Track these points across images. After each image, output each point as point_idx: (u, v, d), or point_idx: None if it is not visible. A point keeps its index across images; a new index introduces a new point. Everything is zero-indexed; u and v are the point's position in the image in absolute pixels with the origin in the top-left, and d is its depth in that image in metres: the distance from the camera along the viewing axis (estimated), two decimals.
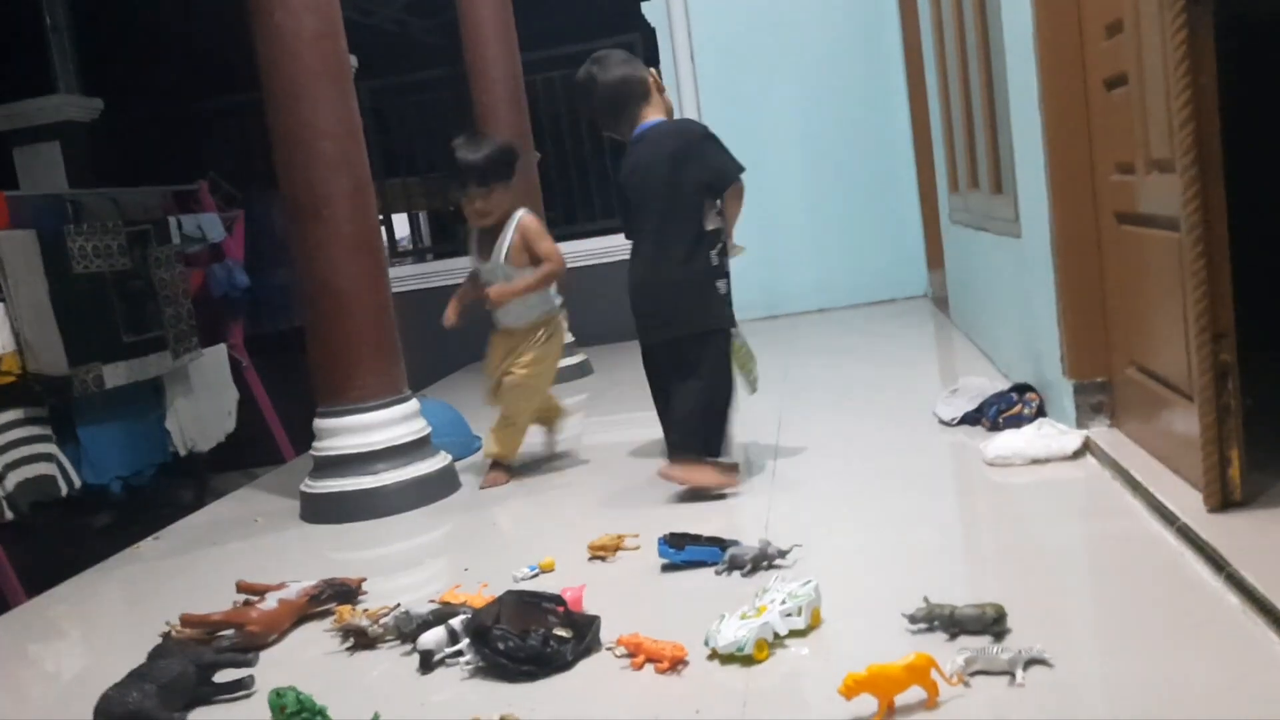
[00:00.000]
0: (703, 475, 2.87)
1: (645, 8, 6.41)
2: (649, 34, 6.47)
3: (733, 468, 2.94)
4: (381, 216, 6.00)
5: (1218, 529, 1.96)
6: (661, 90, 3.10)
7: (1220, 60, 1.95)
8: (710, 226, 2.91)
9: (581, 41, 6.45)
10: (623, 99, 3.03)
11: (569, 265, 6.13)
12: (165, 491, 5.74)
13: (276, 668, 2.10)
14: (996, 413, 3.09)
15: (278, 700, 1.69)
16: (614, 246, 6.32)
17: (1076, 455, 2.71)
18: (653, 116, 3.04)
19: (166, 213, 5.48)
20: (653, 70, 3.12)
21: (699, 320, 2.91)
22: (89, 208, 5.24)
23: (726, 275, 2.96)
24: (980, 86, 3.69)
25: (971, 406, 3.21)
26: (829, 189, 6.38)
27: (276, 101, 3.24)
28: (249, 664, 2.07)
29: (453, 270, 6.77)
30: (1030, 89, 2.86)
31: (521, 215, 3.35)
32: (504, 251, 3.33)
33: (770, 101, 6.34)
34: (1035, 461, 2.72)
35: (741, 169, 2.95)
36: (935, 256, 5.90)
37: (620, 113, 3.05)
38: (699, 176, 2.90)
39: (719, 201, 2.93)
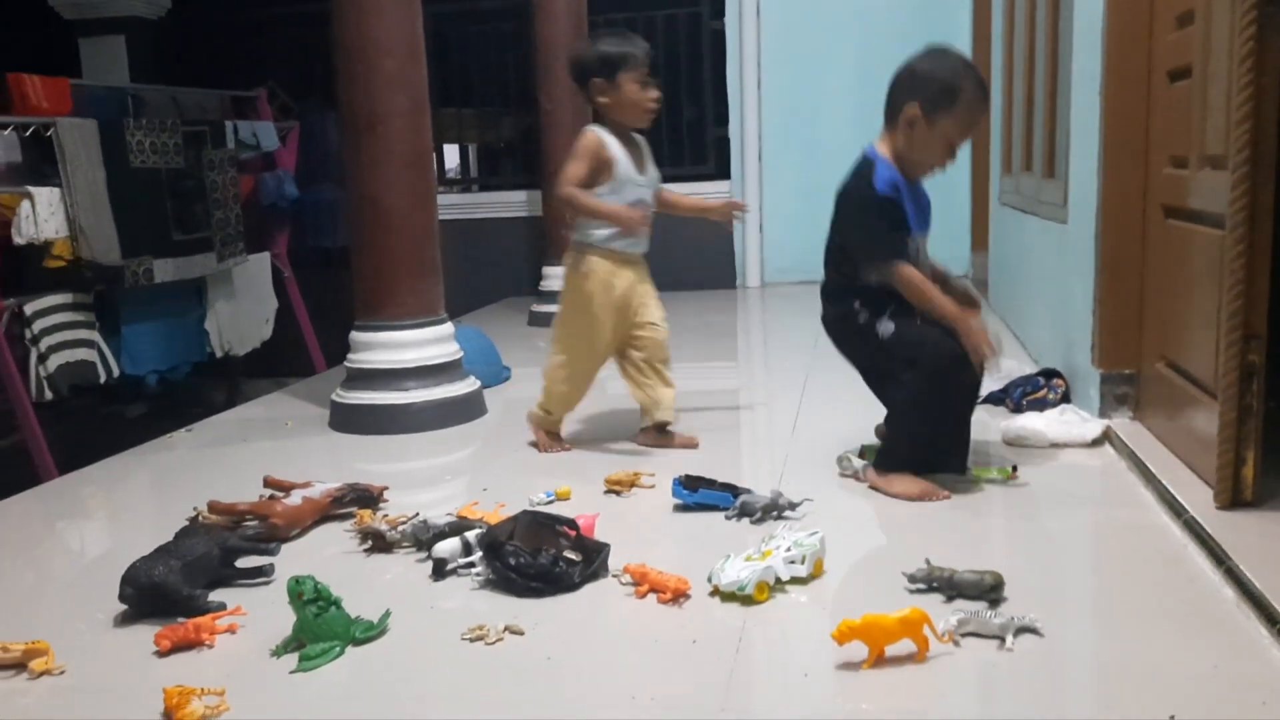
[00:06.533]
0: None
1: None
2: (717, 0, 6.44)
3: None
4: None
5: (1224, 525, 1.99)
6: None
7: None
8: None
9: None
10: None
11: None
12: (198, 390, 5.87)
13: (296, 560, 2.18)
14: (1021, 395, 3.11)
15: (296, 586, 1.76)
16: None
17: (1095, 443, 2.73)
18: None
19: (224, 116, 5.55)
20: None
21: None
22: (150, 103, 5.31)
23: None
24: (1045, 69, 3.65)
25: (997, 386, 3.22)
26: None
27: (343, 13, 3.27)
28: (270, 553, 2.15)
29: (498, 203, 6.80)
30: (1094, 75, 2.84)
31: None
32: None
33: (829, 66, 6.29)
34: (1054, 445, 2.75)
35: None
36: (980, 238, 5.86)
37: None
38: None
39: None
